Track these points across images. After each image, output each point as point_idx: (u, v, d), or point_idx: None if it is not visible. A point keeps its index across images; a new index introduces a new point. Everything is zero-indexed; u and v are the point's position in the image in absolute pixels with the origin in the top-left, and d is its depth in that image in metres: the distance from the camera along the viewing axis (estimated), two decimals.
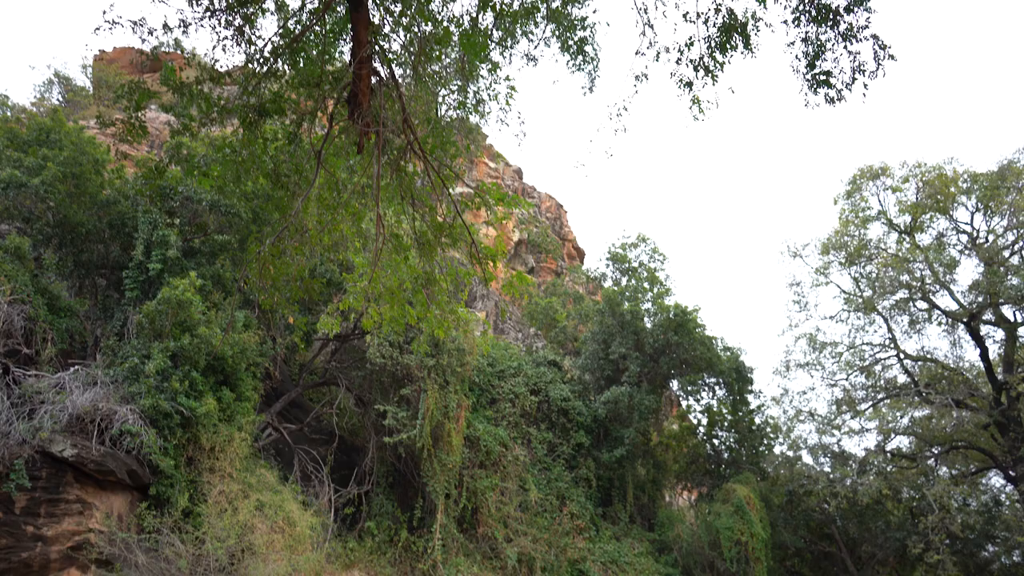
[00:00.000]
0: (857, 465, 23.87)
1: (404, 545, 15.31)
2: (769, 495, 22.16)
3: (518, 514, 17.20)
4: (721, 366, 21.67)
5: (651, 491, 21.42)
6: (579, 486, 19.07)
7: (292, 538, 11.76)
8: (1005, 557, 24.99)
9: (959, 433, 24.24)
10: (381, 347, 15.79)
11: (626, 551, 18.24)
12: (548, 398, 19.85)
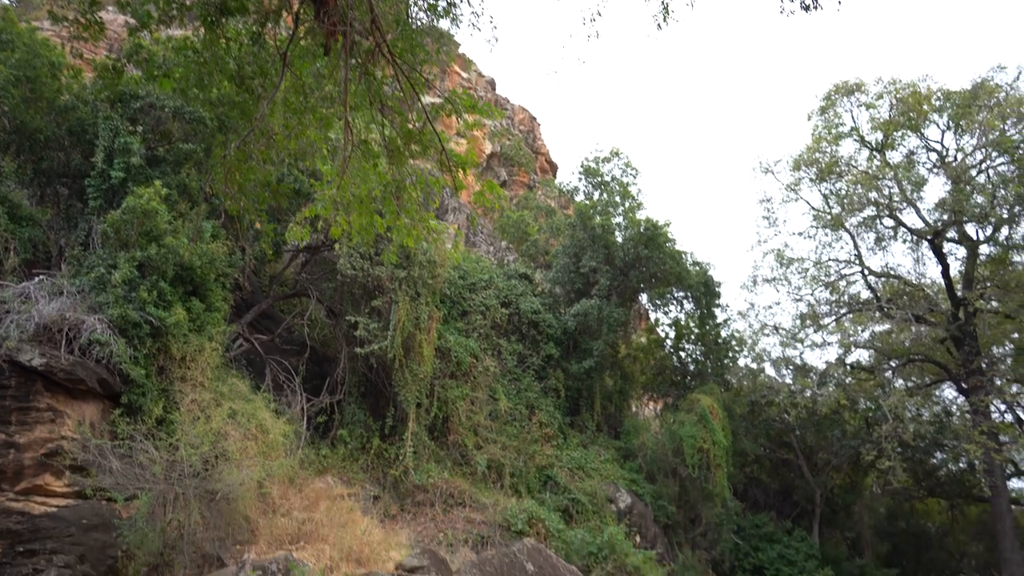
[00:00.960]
0: (817, 377, 24.59)
1: (376, 452, 15.63)
2: (732, 405, 22.82)
3: (488, 423, 17.59)
4: (690, 280, 21.95)
5: (618, 401, 21.95)
6: (548, 396, 19.48)
7: (265, 445, 11.95)
8: (952, 464, 26.23)
9: (916, 347, 24.98)
10: (352, 258, 15.72)
11: (592, 458, 18.81)
12: (519, 310, 20.04)
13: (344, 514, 11.94)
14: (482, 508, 15.19)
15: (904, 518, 28.87)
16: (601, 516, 16.93)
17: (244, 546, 10.27)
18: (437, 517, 14.75)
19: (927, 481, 27.02)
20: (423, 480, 15.37)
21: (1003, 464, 22.77)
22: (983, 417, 22.05)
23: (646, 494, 18.96)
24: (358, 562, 10.34)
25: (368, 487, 14.66)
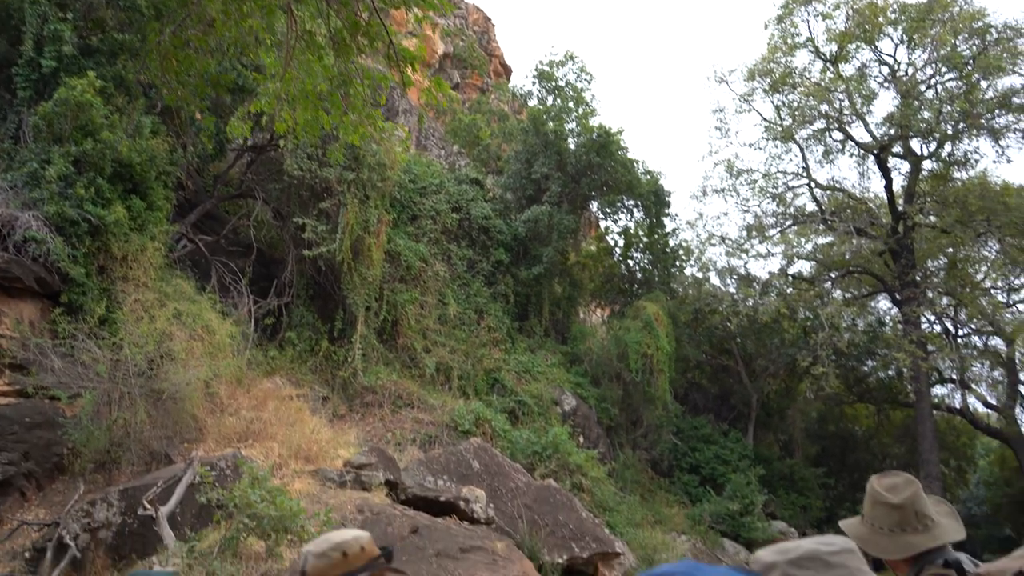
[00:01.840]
0: (760, 287, 25.22)
1: (325, 354, 15.68)
2: (676, 313, 23.34)
3: (437, 327, 17.72)
4: (640, 189, 22.03)
5: (566, 307, 22.25)
6: (497, 301, 19.65)
7: (212, 346, 11.88)
8: (881, 371, 27.49)
9: (856, 259, 25.70)
10: (299, 159, 15.36)
11: (539, 362, 19.19)
12: (469, 216, 19.94)
13: (293, 414, 12.06)
14: (430, 409, 15.48)
15: (834, 422, 30.34)
16: (546, 418, 17.41)
17: (192, 444, 10.34)
18: (386, 418, 15.00)
19: (857, 387, 28.31)
20: (372, 382, 15.53)
21: (928, 372, 23.92)
22: (913, 327, 23.01)
23: (590, 397, 19.52)
24: (307, 459, 10.52)
25: (317, 388, 14.78)
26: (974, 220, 22.66)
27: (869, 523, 2.32)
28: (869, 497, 2.37)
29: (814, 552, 1.25)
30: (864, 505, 2.39)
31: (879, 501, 2.33)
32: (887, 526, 2.29)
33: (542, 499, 12.41)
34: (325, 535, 2.12)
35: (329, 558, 2.02)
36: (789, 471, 24.05)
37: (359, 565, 2.04)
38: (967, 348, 26.95)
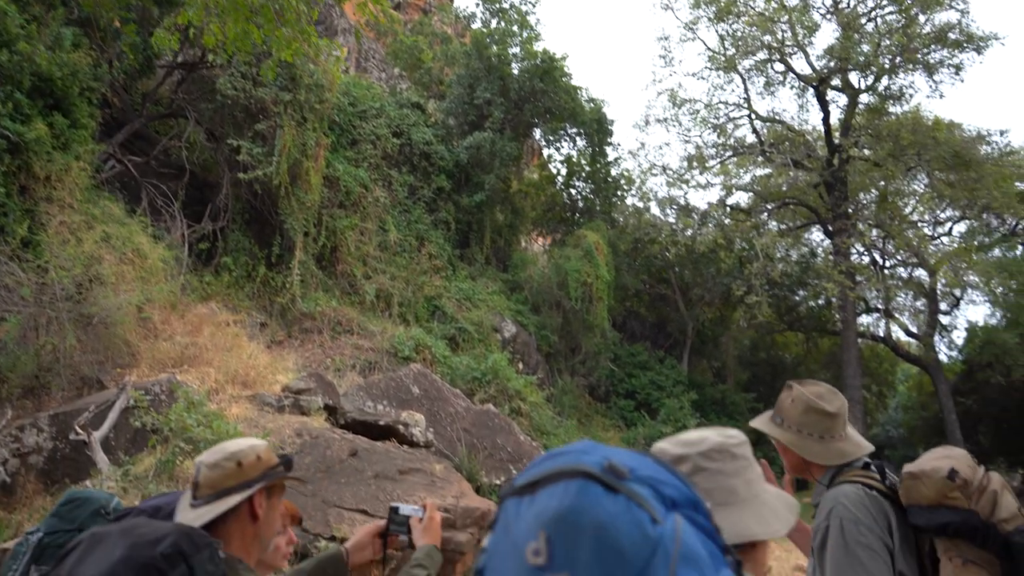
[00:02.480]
0: (699, 217, 25.60)
1: (262, 280, 15.44)
2: (617, 242, 23.60)
3: (377, 253, 17.58)
4: (583, 117, 21.91)
5: (507, 235, 22.27)
6: (438, 228, 19.53)
7: (143, 270, 11.58)
8: (812, 301, 28.41)
9: (792, 191, 26.21)
10: (232, 78, 14.79)
11: (480, 289, 19.27)
12: (410, 141, 19.60)
13: (229, 339, 11.92)
14: (370, 335, 15.47)
15: (765, 349, 31.41)
16: (486, 344, 17.59)
17: (125, 369, 10.17)
18: (325, 344, 14.95)
19: (788, 316, 29.25)
20: (311, 308, 15.41)
21: (855, 301, 24.84)
22: (843, 258, 23.76)
23: (530, 324, 19.75)
24: (244, 384, 10.46)
25: (254, 314, 14.60)
26: (905, 154, 23.25)
27: (797, 429, 2.38)
28: (800, 404, 2.42)
29: (722, 445, 1.31)
30: (788, 410, 2.43)
31: (813, 408, 2.40)
32: (818, 432, 2.37)
33: (481, 423, 12.64)
34: (219, 444, 2.03)
35: (223, 468, 1.92)
36: (721, 396, 24.91)
37: (255, 475, 1.95)
38: (893, 279, 28.03)
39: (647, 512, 0.74)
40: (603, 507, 0.73)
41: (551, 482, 0.76)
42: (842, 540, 2.17)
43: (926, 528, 2.21)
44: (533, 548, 0.72)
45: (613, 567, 0.70)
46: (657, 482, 0.78)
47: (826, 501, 2.28)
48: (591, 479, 0.75)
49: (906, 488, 2.27)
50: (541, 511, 0.74)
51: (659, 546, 0.72)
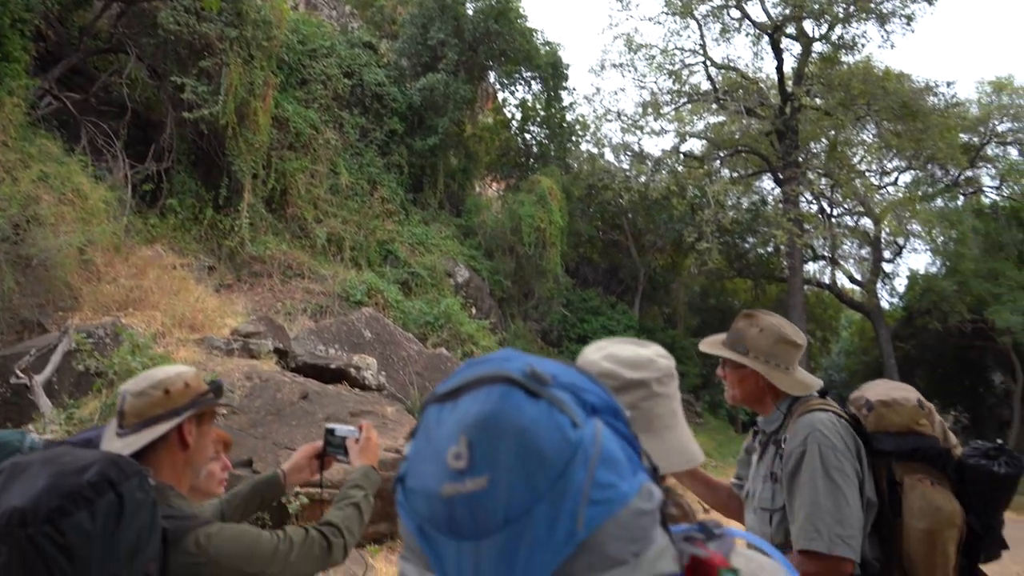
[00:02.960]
0: (652, 164, 25.69)
1: (210, 223, 15.13)
2: (571, 188, 23.60)
3: (328, 197, 17.33)
4: (538, 60, 21.65)
5: (461, 180, 22.09)
6: (391, 172, 19.29)
7: (84, 211, 11.25)
8: (761, 248, 28.92)
9: (744, 139, 26.43)
10: (175, 12, 14.22)
11: (433, 234, 19.17)
12: (362, 82, 19.19)
13: (176, 283, 11.71)
14: (321, 280, 15.35)
15: (715, 295, 31.97)
16: (439, 289, 17.58)
17: (67, 313, 9.95)
18: (275, 288, 14.80)
19: (737, 263, 29.76)
20: (260, 252, 15.19)
21: (802, 249, 25.37)
22: (792, 206, 24.16)
23: (484, 269, 19.77)
24: (192, 328, 10.33)
25: (202, 258, 14.34)
26: (855, 104, 23.55)
27: (765, 360, 2.39)
28: (771, 334, 2.41)
29: (670, 368, 1.29)
30: (755, 340, 2.42)
31: (784, 339, 2.41)
32: (784, 363, 2.40)
33: (433, 367, 12.71)
34: (145, 372, 1.96)
35: (149, 396, 1.86)
36: (671, 341, 25.36)
37: (184, 402, 1.89)
38: (839, 227, 28.64)
39: (568, 416, 0.75)
40: (524, 411, 0.74)
41: (473, 388, 0.77)
42: (821, 466, 2.23)
43: (895, 453, 2.32)
44: (454, 452, 0.73)
45: (533, 469, 0.72)
46: (578, 389, 0.78)
47: (801, 428, 2.32)
48: (513, 384, 0.76)
49: (878, 415, 2.36)
50: (462, 416, 0.75)
51: (579, 449, 0.73)
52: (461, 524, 0.72)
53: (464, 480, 0.72)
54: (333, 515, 2.08)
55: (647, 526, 0.77)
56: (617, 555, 0.74)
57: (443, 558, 0.74)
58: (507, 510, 0.71)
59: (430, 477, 0.75)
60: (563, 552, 0.71)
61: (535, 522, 0.71)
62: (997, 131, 28.07)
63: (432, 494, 0.74)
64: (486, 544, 0.71)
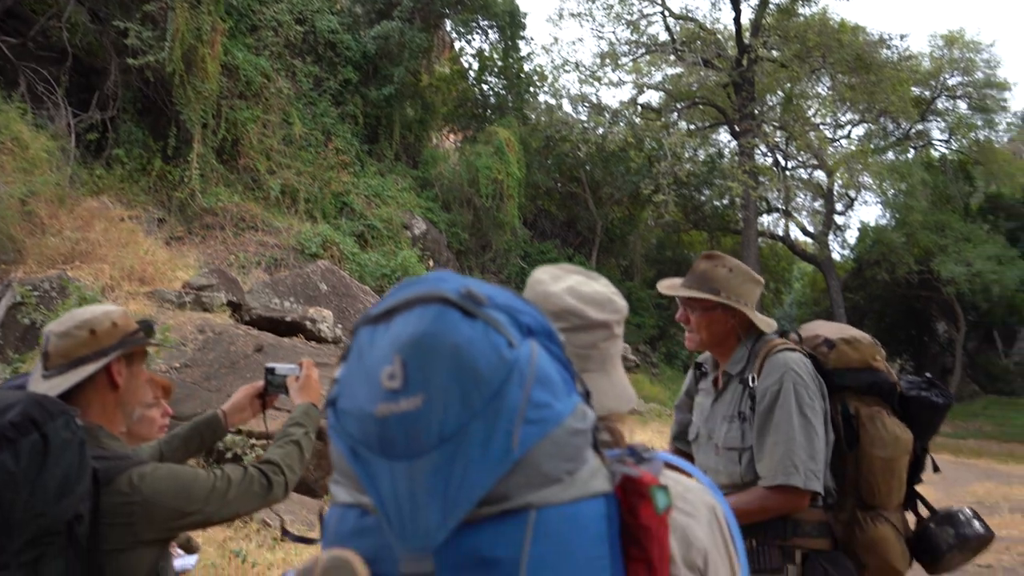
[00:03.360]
0: (610, 116, 25.62)
1: (159, 174, 14.76)
2: (528, 139, 23.46)
3: (281, 147, 16.99)
4: (496, 8, 21.31)
5: (418, 131, 21.80)
6: (345, 122, 18.95)
7: (25, 161, 10.88)
8: (716, 200, 29.16)
9: (702, 90, 26.46)
10: None
11: (390, 186, 18.96)
12: (315, 29, 18.68)
13: (124, 235, 11.44)
14: (275, 232, 15.13)
15: (671, 247, 32.25)
16: (396, 241, 17.46)
17: (10, 266, 9.68)
18: (228, 240, 14.55)
19: (694, 215, 30.02)
20: (212, 203, 14.88)
21: (757, 201, 25.66)
22: (748, 158, 24.37)
23: (441, 222, 19.66)
24: (141, 281, 10.13)
25: (151, 210, 14.01)
26: (811, 56, 23.69)
27: (736, 298, 2.43)
28: (740, 275, 2.46)
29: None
30: (725, 280, 2.44)
31: (752, 279, 2.47)
32: (751, 303, 2.47)
33: None
34: (69, 312, 1.89)
35: (75, 337, 1.79)
36: (628, 293, 25.59)
37: (111, 343, 1.82)
38: (793, 180, 29.00)
39: (504, 337, 0.74)
40: (460, 331, 0.73)
41: (407, 308, 0.76)
42: (796, 404, 2.30)
43: (852, 387, 2.42)
44: (388, 372, 0.72)
45: (469, 388, 0.71)
46: (514, 310, 0.78)
47: (775, 367, 2.36)
48: (448, 305, 0.75)
49: (840, 352, 2.45)
50: (396, 336, 0.74)
51: (515, 369, 0.73)
52: (395, 444, 0.72)
53: (398, 400, 0.71)
54: (273, 453, 2.07)
55: (581, 446, 0.77)
56: (551, 473, 0.74)
57: (377, 479, 0.73)
58: (442, 429, 0.71)
59: (363, 398, 0.74)
60: (498, 470, 0.72)
61: (470, 441, 0.71)
62: (948, 85, 28.53)
63: (365, 415, 0.74)
64: (420, 463, 0.71)
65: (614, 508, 0.78)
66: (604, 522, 0.76)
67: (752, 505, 2.29)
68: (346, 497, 0.78)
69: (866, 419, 2.39)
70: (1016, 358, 32.07)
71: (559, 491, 0.75)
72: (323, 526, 0.83)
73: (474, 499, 0.71)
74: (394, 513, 0.72)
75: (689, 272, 2.54)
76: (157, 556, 1.80)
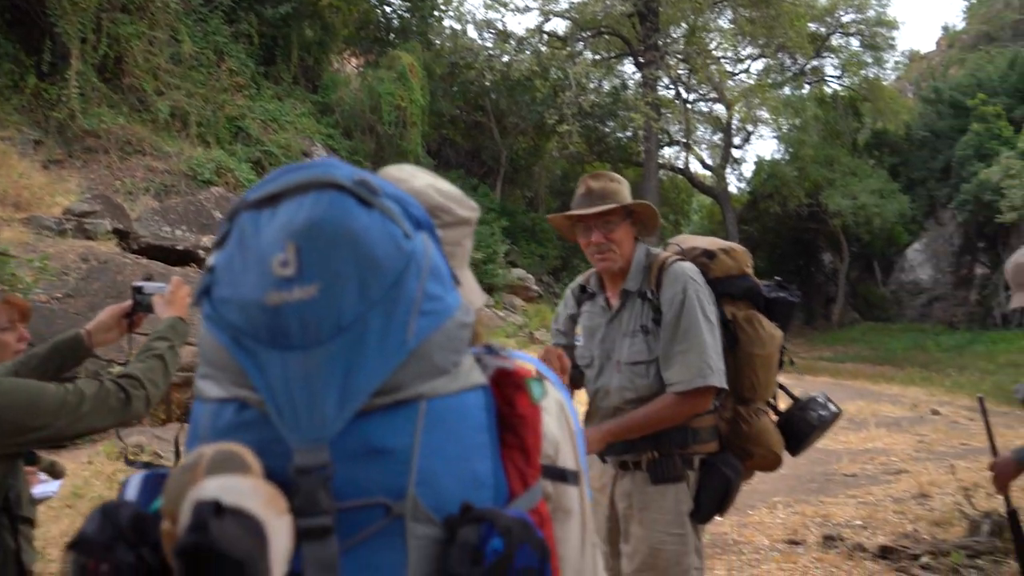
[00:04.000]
0: (515, 43, 25.27)
1: (33, 92, 13.74)
2: (432, 66, 22.93)
3: (170, 67, 16.04)
4: None
5: (317, 54, 20.95)
6: (239, 42, 18.01)
7: None
8: (620, 132, 29.43)
9: (607, 19, 26.33)
10: None
11: (288, 111, 18.28)
12: None
13: None
14: (165, 157, 14.42)
15: (575, 179, 32.32)
16: None
17: None
18: (113, 165, 13.78)
19: (597, 146, 30.23)
20: (94, 125, 14.00)
21: (658, 133, 26.04)
22: (651, 90, 24.59)
23: (342, 149, 19.16)
24: (16, 207, 9.52)
25: (26, 130, 13.09)
26: None
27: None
28: (627, 185, 2.60)
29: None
30: (627, 194, 2.56)
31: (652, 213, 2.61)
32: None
33: None
34: None
35: None
36: (532, 223, 25.76)
37: None
38: (694, 113, 29.49)
39: (400, 228, 0.75)
40: (358, 219, 0.72)
41: (297, 193, 0.74)
42: (700, 309, 2.43)
43: (730, 294, 2.59)
44: (280, 259, 0.70)
45: (368, 277, 0.71)
46: (405, 202, 0.78)
47: (676, 277, 2.47)
48: (343, 191, 0.74)
49: (720, 262, 2.59)
50: (289, 222, 0.72)
51: (412, 260, 0.74)
52: (289, 334, 0.71)
53: (292, 288, 0.70)
54: (133, 367, 2.03)
55: (465, 339, 0.80)
56: (441, 365, 0.76)
57: (266, 371, 0.71)
58: (340, 318, 0.70)
59: (250, 286, 0.72)
60: (394, 361, 0.73)
61: (368, 330, 0.71)
62: (842, 22, 29.34)
63: (252, 303, 0.72)
64: (316, 353, 0.70)
65: (491, 399, 0.81)
66: (484, 412, 0.80)
67: (665, 412, 2.41)
68: (219, 392, 0.76)
69: (744, 322, 2.56)
70: (893, 287, 34.18)
71: (447, 382, 0.77)
72: (192, 423, 0.80)
73: (371, 389, 0.72)
74: (286, 405, 0.71)
75: (584, 195, 2.57)
76: (3, 471, 1.76)
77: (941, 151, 29.86)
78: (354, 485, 0.72)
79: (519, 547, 0.72)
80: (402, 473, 0.73)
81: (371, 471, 0.73)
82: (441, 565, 0.73)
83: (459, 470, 0.77)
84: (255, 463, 0.69)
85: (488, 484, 0.78)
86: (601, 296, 2.69)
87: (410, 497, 0.73)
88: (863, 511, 5.84)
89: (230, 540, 0.59)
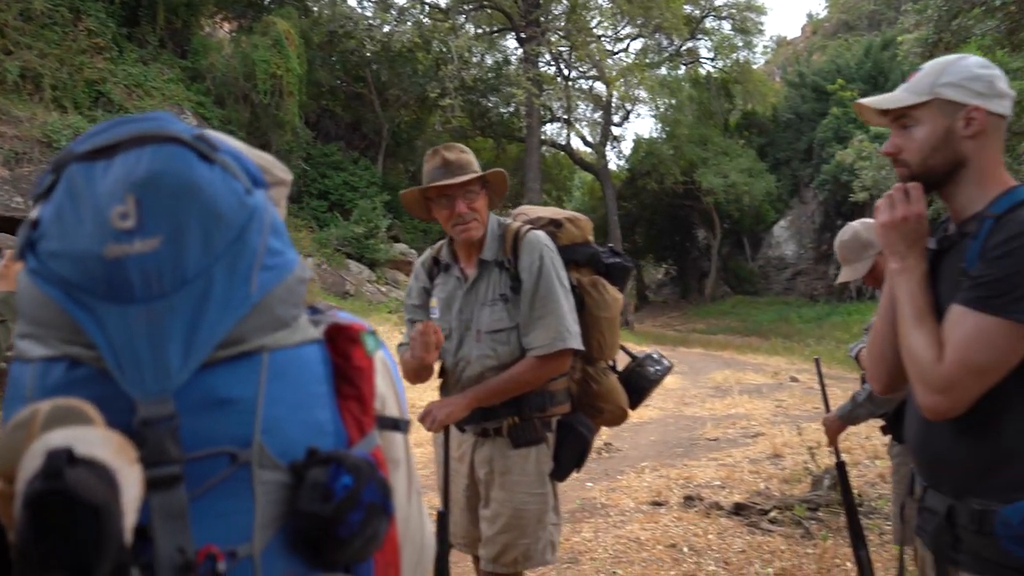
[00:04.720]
0: (396, 13, 24.83)
1: None
2: (310, 33, 22.21)
3: (19, 24, 14.86)
4: None
5: (185, 16, 19.86)
6: (98, 1, 16.88)
7: None
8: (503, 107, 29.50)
9: None
10: None
11: (154, 76, 17.31)
12: None
13: None
14: (16, 122, 13.40)
15: None
16: None
17: None
18: None
19: (480, 121, 30.21)
20: None
21: (540, 109, 26.29)
22: (532, 66, 24.76)
23: (214, 118, 18.32)
24: None
25: None
26: None
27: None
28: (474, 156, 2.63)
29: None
30: (474, 161, 2.58)
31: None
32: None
33: None
34: None
35: None
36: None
37: None
38: (575, 90, 29.91)
39: (241, 183, 0.76)
40: (200, 173, 0.73)
41: (133, 146, 0.73)
42: (556, 276, 2.51)
43: (575, 260, 2.69)
44: (120, 212, 0.69)
45: (211, 230, 0.72)
46: (242, 159, 0.79)
47: (532, 245, 2.52)
48: (183, 145, 0.74)
49: (566, 230, 2.70)
50: (127, 174, 0.71)
51: (254, 214, 0.75)
52: (130, 287, 0.70)
53: (132, 241, 0.69)
54: None
55: (303, 293, 0.82)
56: (283, 318, 0.78)
57: (105, 325, 0.70)
58: (183, 271, 0.71)
59: (85, 239, 0.70)
60: (237, 313, 0.74)
61: (212, 283, 0.72)
62: (715, 5, 30.38)
63: (89, 256, 0.70)
64: (159, 306, 0.70)
65: (326, 353, 0.83)
66: (321, 365, 0.82)
67: (527, 375, 2.50)
68: (45, 350, 0.73)
69: (589, 287, 2.69)
70: (760, 262, 36.05)
71: (288, 335, 0.79)
72: (11, 386, 0.77)
73: (215, 341, 0.73)
74: (128, 359, 0.70)
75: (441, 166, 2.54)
76: None
77: (804, 133, 31.62)
78: (200, 436, 0.73)
79: (367, 483, 0.76)
80: (247, 422, 0.75)
81: (217, 421, 0.74)
82: (290, 507, 0.75)
83: (302, 418, 0.79)
84: (97, 415, 0.67)
85: (329, 432, 0.80)
86: (456, 267, 2.70)
87: (256, 444, 0.75)
88: (722, 472, 6.19)
89: (85, 487, 0.58)
